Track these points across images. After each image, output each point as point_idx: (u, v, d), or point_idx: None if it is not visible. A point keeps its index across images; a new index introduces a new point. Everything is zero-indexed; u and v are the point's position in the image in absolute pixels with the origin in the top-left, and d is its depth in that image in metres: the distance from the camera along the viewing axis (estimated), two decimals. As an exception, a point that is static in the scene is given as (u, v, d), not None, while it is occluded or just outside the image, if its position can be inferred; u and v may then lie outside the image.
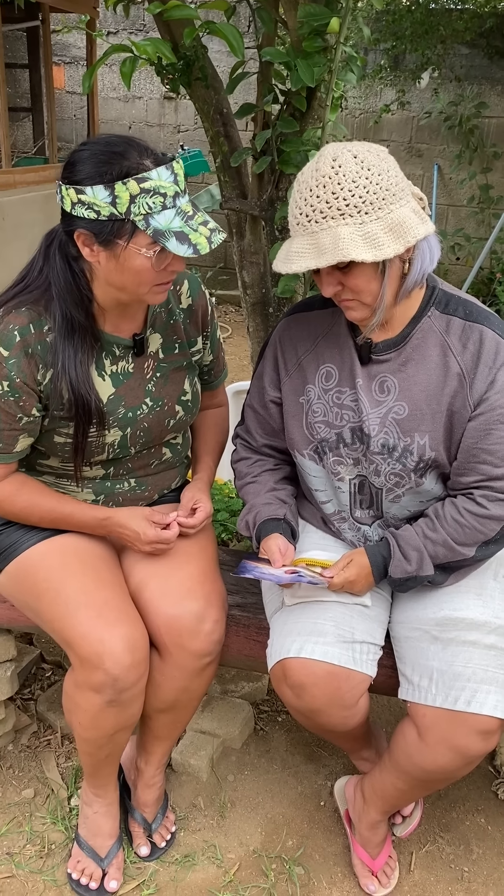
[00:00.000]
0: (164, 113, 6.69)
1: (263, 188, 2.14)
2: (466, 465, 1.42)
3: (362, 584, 1.48)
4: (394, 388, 1.44)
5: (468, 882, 1.70)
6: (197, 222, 1.35)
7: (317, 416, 1.51)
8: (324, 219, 1.27)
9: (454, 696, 1.38)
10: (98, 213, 1.31)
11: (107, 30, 6.38)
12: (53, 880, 1.66)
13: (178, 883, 1.67)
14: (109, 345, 1.52)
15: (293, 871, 1.70)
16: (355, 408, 1.47)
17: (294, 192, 1.32)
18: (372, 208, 1.26)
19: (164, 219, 1.32)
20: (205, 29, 1.90)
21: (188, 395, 1.64)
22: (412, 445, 1.43)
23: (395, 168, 1.30)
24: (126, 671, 1.45)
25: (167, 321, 1.59)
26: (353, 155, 1.27)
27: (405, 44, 5.03)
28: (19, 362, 1.42)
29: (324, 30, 1.83)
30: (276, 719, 2.11)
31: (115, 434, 1.54)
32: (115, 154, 1.31)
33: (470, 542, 1.45)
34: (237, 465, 1.69)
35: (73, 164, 1.34)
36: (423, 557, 1.45)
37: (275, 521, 1.56)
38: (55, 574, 1.52)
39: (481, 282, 5.62)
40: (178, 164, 1.34)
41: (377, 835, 1.66)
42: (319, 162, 1.29)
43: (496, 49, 5.37)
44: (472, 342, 1.39)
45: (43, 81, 6.04)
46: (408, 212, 1.29)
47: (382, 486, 1.49)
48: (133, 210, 1.30)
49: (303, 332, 1.54)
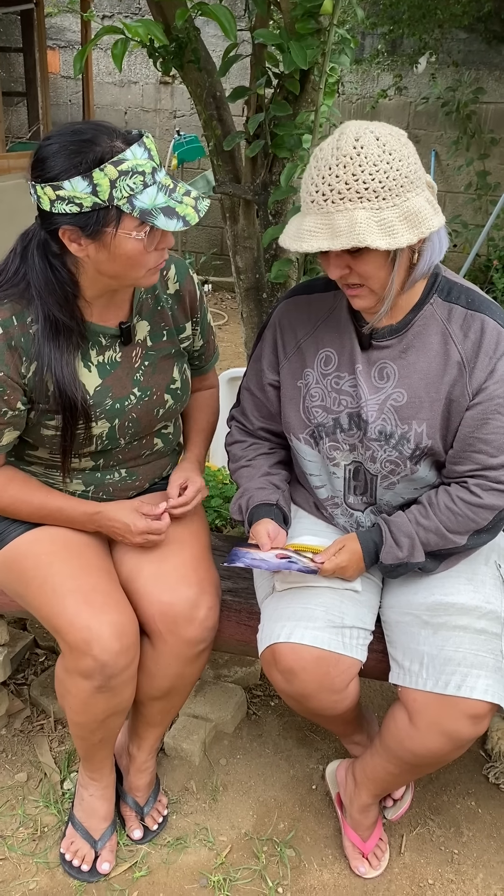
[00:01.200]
0: (159, 98, 6.64)
1: (257, 172, 2.13)
2: (462, 453, 1.42)
3: (353, 570, 1.49)
4: (393, 375, 1.43)
5: (458, 864, 1.71)
6: (180, 193, 1.34)
7: (314, 400, 1.50)
8: (341, 199, 1.24)
9: (444, 680, 1.39)
10: (81, 206, 1.28)
11: (101, 13, 6.32)
12: (46, 863, 1.67)
13: (169, 865, 1.68)
14: (95, 335, 1.49)
15: (284, 853, 1.71)
16: (354, 393, 1.46)
17: (311, 168, 1.29)
18: (390, 194, 1.24)
19: (148, 197, 1.30)
20: (197, 10, 1.88)
21: (177, 384, 1.62)
22: (409, 433, 1.43)
23: (415, 155, 1.28)
24: (114, 657, 1.45)
25: (154, 308, 1.57)
26: (376, 137, 1.25)
27: (402, 28, 4.98)
28: (2, 356, 1.40)
29: (317, 11, 1.81)
30: (269, 704, 2.12)
31: (103, 426, 1.52)
32: (85, 142, 1.27)
33: (462, 531, 1.45)
34: (231, 447, 1.68)
35: (43, 160, 1.29)
36: (415, 544, 1.45)
37: (267, 506, 1.56)
38: (43, 561, 1.52)
39: (478, 269, 5.60)
40: (149, 140, 1.31)
41: (368, 818, 1.67)
42: (341, 140, 1.26)
43: (494, 34, 5.33)
44: (474, 331, 1.39)
45: (37, 66, 5.99)
46: (423, 202, 1.27)
47: (378, 473, 1.49)
48: (115, 195, 1.27)
49: (303, 314, 1.53)
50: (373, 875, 1.66)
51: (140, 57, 6.38)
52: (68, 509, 1.56)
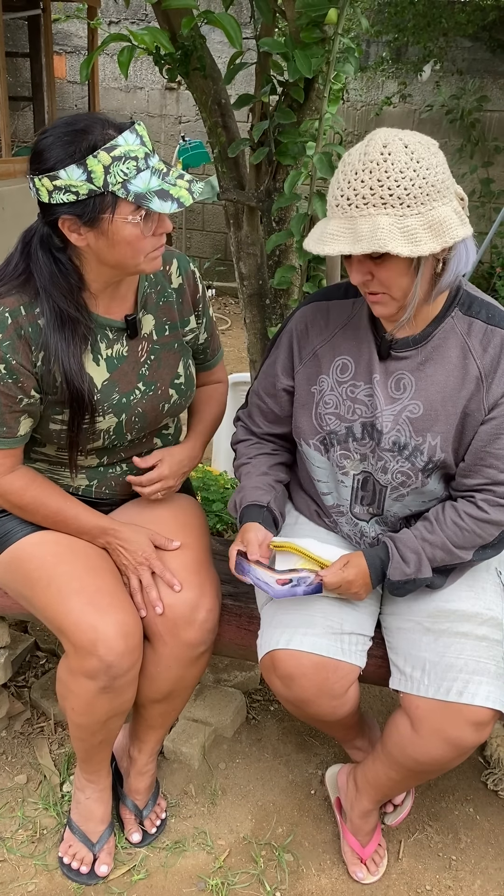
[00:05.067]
0: (165, 104, 6.67)
1: (261, 179, 2.14)
2: (473, 467, 1.42)
3: (360, 586, 1.46)
4: (410, 387, 1.43)
5: (455, 870, 1.71)
6: (174, 177, 1.35)
7: (328, 407, 1.50)
8: (365, 205, 1.24)
9: (446, 687, 1.39)
10: (77, 194, 1.30)
11: (108, 19, 6.36)
12: (44, 865, 1.68)
13: (168, 868, 1.68)
14: (102, 328, 1.50)
15: (283, 857, 1.71)
16: (369, 403, 1.45)
17: (338, 173, 1.29)
18: (415, 202, 1.24)
19: (142, 181, 1.32)
20: (203, 18, 1.89)
21: (182, 378, 1.63)
22: (423, 445, 1.43)
23: (444, 165, 1.28)
24: (120, 658, 1.45)
25: (157, 302, 1.58)
26: (405, 144, 1.25)
27: (407, 36, 5.01)
28: (13, 344, 1.41)
29: (322, 21, 1.82)
30: (269, 708, 2.12)
31: (111, 420, 1.53)
32: (79, 131, 1.30)
33: (468, 546, 1.44)
34: (237, 445, 1.69)
35: (40, 152, 1.32)
36: (422, 560, 1.44)
37: (257, 507, 1.55)
38: (48, 562, 1.53)
39: (481, 276, 5.61)
40: (140, 127, 1.32)
41: (368, 823, 1.67)
42: (369, 146, 1.26)
43: (498, 42, 5.35)
44: (493, 346, 1.39)
45: (44, 71, 6.02)
46: (449, 211, 1.27)
47: (388, 484, 1.48)
48: (110, 181, 1.30)
49: (320, 321, 1.53)
50: (371, 881, 1.66)
51: (146, 63, 6.41)
52: (83, 518, 1.56)
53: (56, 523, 1.57)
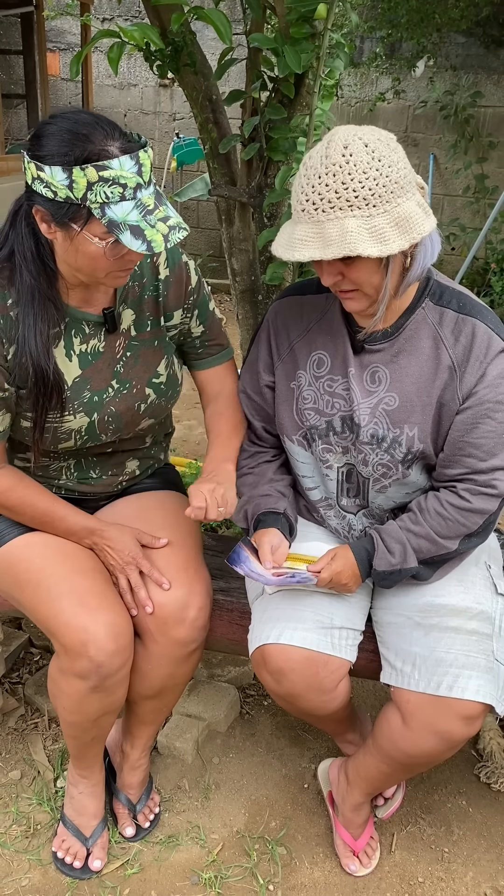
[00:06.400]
0: (159, 101, 6.65)
1: (252, 175, 2.14)
2: (452, 457, 1.43)
3: (349, 577, 1.47)
4: (385, 379, 1.44)
5: (448, 862, 1.72)
6: (156, 217, 1.30)
7: (307, 402, 1.51)
8: (331, 209, 1.24)
9: (437, 681, 1.39)
10: (55, 194, 1.28)
11: (101, 16, 6.34)
12: (38, 860, 1.68)
13: (161, 863, 1.69)
14: (78, 322, 1.48)
15: (276, 851, 1.72)
16: (347, 397, 1.46)
17: (300, 176, 1.28)
18: (380, 201, 1.24)
19: (122, 210, 1.28)
20: (193, 14, 1.89)
21: (161, 378, 1.59)
22: (401, 437, 1.44)
23: (404, 159, 1.28)
24: (110, 658, 1.46)
25: (140, 296, 1.54)
26: (365, 143, 1.24)
27: (400, 32, 4.99)
28: None
29: (311, 16, 1.82)
30: (262, 703, 2.13)
31: (82, 420, 1.51)
32: (80, 136, 1.26)
33: (453, 536, 1.45)
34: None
35: (39, 137, 1.30)
36: (407, 550, 1.45)
37: (274, 514, 1.54)
38: (37, 564, 1.52)
39: (476, 272, 5.62)
40: (144, 154, 1.29)
41: (360, 816, 1.68)
42: (329, 148, 1.25)
43: (492, 38, 5.34)
44: (465, 335, 1.39)
45: (37, 68, 6.01)
46: (413, 206, 1.27)
47: (370, 476, 1.49)
48: (90, 197, 1.27)
49: (295, 315, 1.53)
50: (363, 873, 1.67)
51: (139, 60, 6.40)
52: (71, 519, 1.56)
53: (44, 524, 1.56)
